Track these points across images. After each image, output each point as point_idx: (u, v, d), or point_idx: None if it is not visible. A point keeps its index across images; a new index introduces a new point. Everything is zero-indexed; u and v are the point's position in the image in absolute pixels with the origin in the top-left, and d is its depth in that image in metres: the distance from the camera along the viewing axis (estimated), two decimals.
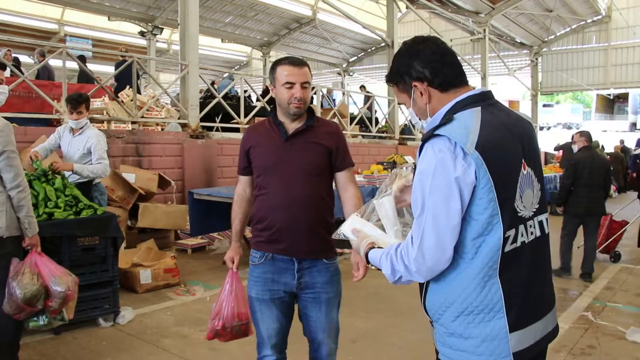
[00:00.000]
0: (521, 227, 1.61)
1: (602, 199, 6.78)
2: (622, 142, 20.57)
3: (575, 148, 7.18)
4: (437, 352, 1.75)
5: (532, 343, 1.65)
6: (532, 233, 1.66)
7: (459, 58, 1.79)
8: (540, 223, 1.71)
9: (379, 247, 1.77)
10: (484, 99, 1.68)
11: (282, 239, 2.59)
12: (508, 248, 1.58)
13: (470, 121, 1.58)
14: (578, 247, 6.95)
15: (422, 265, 1.57)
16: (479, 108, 1.63)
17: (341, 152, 2.71)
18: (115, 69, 10.11)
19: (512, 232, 1.58)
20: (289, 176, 2.58)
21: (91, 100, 8.49)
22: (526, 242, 1.63)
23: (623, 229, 7.69)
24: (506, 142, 1.61)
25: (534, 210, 1.67)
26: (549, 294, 1.76)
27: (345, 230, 1.96)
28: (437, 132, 1.56)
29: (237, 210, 2.88)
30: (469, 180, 1.52)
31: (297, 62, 2.59)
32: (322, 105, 13.62)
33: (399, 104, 1.83)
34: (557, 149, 17.61)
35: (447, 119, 1.60)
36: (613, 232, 7.67)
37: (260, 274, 2.68)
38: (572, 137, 7.56)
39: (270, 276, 2.66)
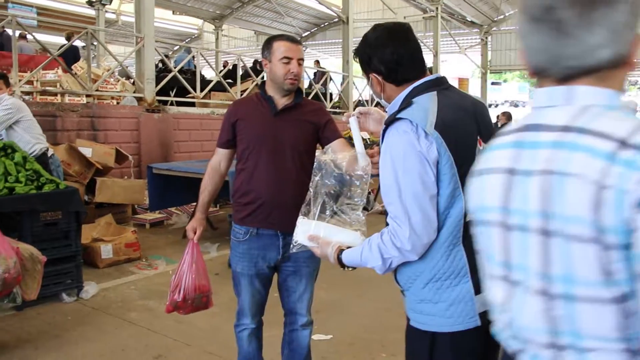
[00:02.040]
0: None
1: None
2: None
3: (499, 124, 8.35)
4: (408, 320, 1.86)
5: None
6: None
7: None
8: None
9: (347, 247, 1.84)
10: (439, 84, 1.80)
11: (268, 213, 2.64)
12: (469, 218, 1.68)
13: (428, 104, 1.70)
14: None
15: (417, 242, 1.63)
16: (435, 92, 1.75)
17: (330, 126, 2.78)
18: (68, 41, 9.82)
19: None
20: (277, 150, 2.63)
21: (43, 72, 8.31)
22: None
23: None
24: (462, 122, 1.74)
25: None
26: None
27: (301, 239, 1.97)
28: (398, 115, 1.67)
29: (208, 181, 2.88)
30: (433, 157, 1.62)
31: (294, 40, 2.67)
32: None
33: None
34: None
35: (407, 103, 1.71)
36: None
37: (245, 250, 2.72)
38: (497, 117, 9.16)
39: (256, 252, 2.71)
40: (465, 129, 1.74)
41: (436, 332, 1.74)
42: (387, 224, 1.74)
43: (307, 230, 1.95)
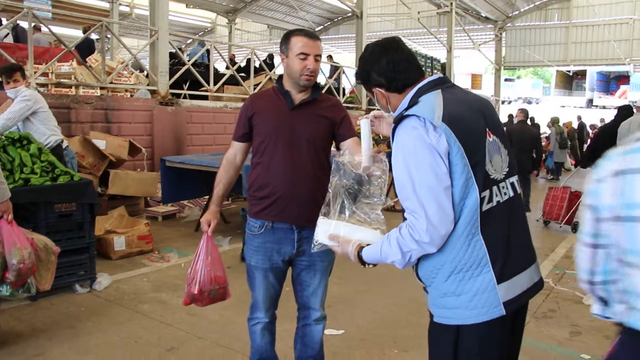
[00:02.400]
0: (495, 188, 1.77)
1: (530, 160, 8.96)
2: (579, 118, 21.16)
3: (515, 120, 9.22)
4: (431, 316, 1.86)
5: (520, 292, 1.80)
6: (505, 193, 1.81)
7: (415, 51, 1.98)
8: (512, 184, 1.87)
9: (367, 245, 1.88)
10: (443, 83, 1.87)
11: (283, 206, 2.63)
12: (485, 207, 1.73)
13: (433, 101, 1.77)
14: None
15: (434, 233, 1.66)
16: (440, 90, 1.82)
17: (346, 123, 2.78)
18: (84, 33, 9.87)
19: (487, 193, 1.74)
20: (294, 145, 2.63)
21: (58, 64, 8.35)
22: (501, 201, 1.79)
23: (579, 200, 8.11)
24: (468, 115, 1.79)
25: (505, 173, 1.83)
26: (528, 247, 1.91)
27: (321, 239, 2.00)
28: (406, 113, 1.74)
29: (223, 174, 2.86)
30: (443, 148, 1.67)
31: (312, 35, 2.63)
32: None
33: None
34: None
35: (413, 102, 1.79)
36: (572, 204, 8.07)
37: (260, 243, 2.72)
38: (510, 114, 10.00)
39: (270, 246, 2.71)
40: (472, 121, 1.78)
41: (460, 326, 1.75)
42: (404, 219, 1.76)
43: (327, 230, 1.99)
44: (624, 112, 7.84)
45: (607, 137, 7.70)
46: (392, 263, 1.77)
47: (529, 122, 10.48)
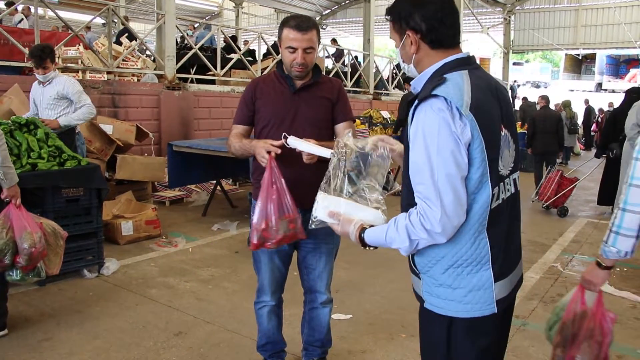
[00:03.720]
0: (501, 185, 1.71)
1: (556, 141, 9.27)
2: (587, 102, 20.98)
3: (537, 107, 9.89)
4: (422, 301, 1.82)
5: (510, 291, 1.79)
6: (508, 190, 1.76)
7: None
8: (514, 181, 1.82)
9: (370, 226, 1.79)
10: (470, 63, 1.75)
11: (289, 190, 2.62)
12: (494, 205, 1.67)
13: (461, 83, 1.64)
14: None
15: (447, 224, 1.59)
16: (467, 71, 1.70)
17: (341, 104, 2.76)
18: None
19: (496, 190, 1.68)
20: (297, 128, 2.61)
21: (65, 48, 8.32)
22: (505, 198, 1.73)
23: (573, 185, 8.15)
24: (491, 105, 1.69)
25: (510, 168, 1.77)
26: (519, 245, 1.89)
27: (320, 215, 1.90)
28: (434, 92, 1.61)
29: (235, 140, 2.73)
30: (466, 139, 1.59)
31: (303, 27, 2.54)
32: None
33: (390, 37, 1.87)
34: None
35: (440, 79, 1.64)
36: (562, 188, 8.11)
37: None
38: (537, 99, 10.36)
39: None
40: (492, 113, 1.69)
41: (454, 317, 1.72)
42: (410, 206, 1.69)
43: (327, 206, 1.89)
44: (633, 95, 7.66)
45: (616, 123, 7.59)
46: (397, 248, 1.71)
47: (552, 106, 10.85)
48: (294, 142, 2.45)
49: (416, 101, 1.66)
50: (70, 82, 5.45)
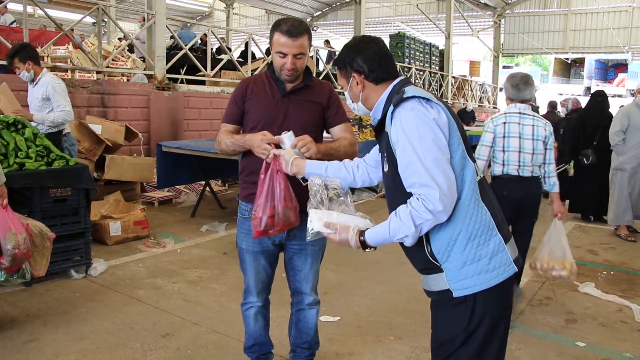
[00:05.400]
0: (476, 165, 1.90)
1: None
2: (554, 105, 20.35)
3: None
4: (450, 293, 1.85)
5: (517, 255, 1.94)
6: (479, 170, 1.94)
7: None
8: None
9: (365, 229, 1.92)
10: (411, 82, 2.02)
11: None
12: (478, 178, 1.87)
13: (419, 89, 1.89)
14: None
15: (446, 201, 1.74)
16: (414, 85, 1.97)
17: (334, 108, 2.76)
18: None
19: (475, 167, 1.88)
20: (285, 131, 2.59)
21: (54, 47, 8.27)
22: (481, 176, 1.92)
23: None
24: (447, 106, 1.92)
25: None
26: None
27: (317, 227, 2.01)
28: (405, 95, 1.83)
29: (225, 136, 2.69)
30: (444, 120, 1.82)
31: (294, 33, 2.50)
32: None
33: (338, 83, 2.08)
34: None
35: (401, 91, 1.88)
36: None
37: (251, 227, 2.71)
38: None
39: None
40: (451, 111, 1.90)
41: (477, 295, 1.82)
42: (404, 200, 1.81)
43: (321, 218, 2.00)
44: (598, 99, 7.72)
45: (585, 127, 7.65)
46: (402, 239, 1.81)
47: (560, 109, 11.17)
48: (287, 140, 2.45)
49: (391, 107, 1.86)
50: (53, 83, 5.39)
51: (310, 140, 2.44)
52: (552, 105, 11.20)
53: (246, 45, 12.28)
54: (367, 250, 1.93)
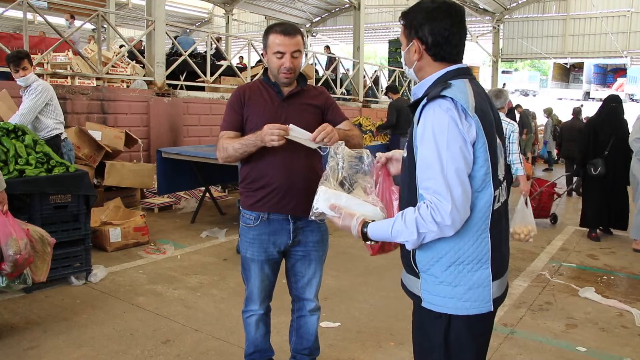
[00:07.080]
0: (499, 189, 1.78)
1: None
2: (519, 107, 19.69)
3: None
4: (419, 300, 1.85)
5: (502, 292, 1.86)
6: (503, 195, 1.83)
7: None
8: (507, 188, 1.90)
9: (372, 221, 1.84)
10: (469, 73, 1.84)
11: (280, 197, 2.63)
12: (495, 206, 1.76)
13: (465, 89, 1.73)
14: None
15: (457, 217, 1.65)
16: (467, 80, 1.79)
17: (332, 108, 2.79)
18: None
19: (497, 193, 1.76)
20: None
21: (54, 54, 8.29)
22: (502, 202, 1.81)
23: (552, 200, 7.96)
24: (490, 113, 1.79)
25: (503, 175, 1.83)
26: (509, 251, 1.96)
27: (322, 207, 1.94)
28: (442, 93, 1.69)
29: (229, 142, 2.66)
30: (472, 138, 1.68)
31: (289, 32, 2.57)
32: None
33: (399, 38, 1.97)
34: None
35: (445, 84, 1.73)
36: (542, 202, 7.84)
37: (256, 235, 2.70)
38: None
39: (266, 237, 2.70)
40: (491, 120, 1.78)
41: (452, 315, 1.77)
42: (410, 204, 1.76)
43: (328, 199, 1.93)
44: (612, 104, 7.00)
45: (597, 135, 6.96)
46: (402, 242, 1.75)
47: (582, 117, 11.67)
48: (295, 132, 2.46)
49: (424, 100, 1.72)
50: (35, 89, 5.40)
51: (332, 129, 2.46)
52: (577, 112, 11.29)
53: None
54: (367, 242, 1.87)
